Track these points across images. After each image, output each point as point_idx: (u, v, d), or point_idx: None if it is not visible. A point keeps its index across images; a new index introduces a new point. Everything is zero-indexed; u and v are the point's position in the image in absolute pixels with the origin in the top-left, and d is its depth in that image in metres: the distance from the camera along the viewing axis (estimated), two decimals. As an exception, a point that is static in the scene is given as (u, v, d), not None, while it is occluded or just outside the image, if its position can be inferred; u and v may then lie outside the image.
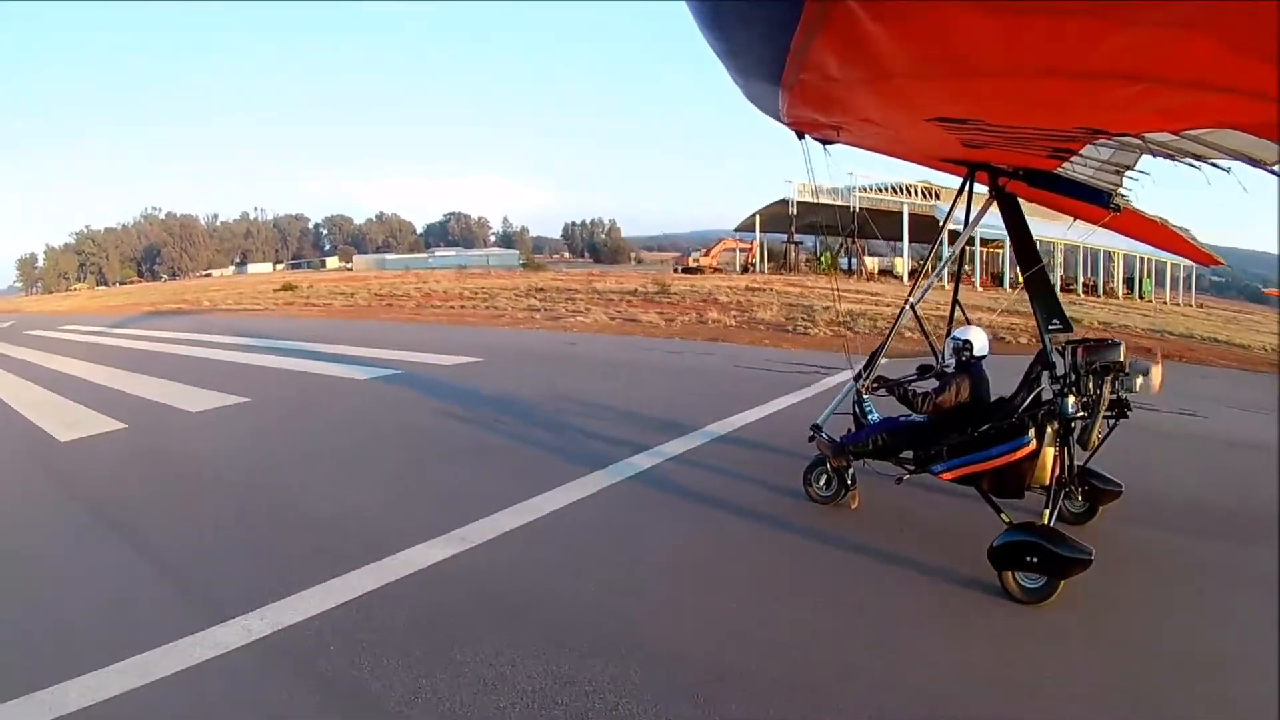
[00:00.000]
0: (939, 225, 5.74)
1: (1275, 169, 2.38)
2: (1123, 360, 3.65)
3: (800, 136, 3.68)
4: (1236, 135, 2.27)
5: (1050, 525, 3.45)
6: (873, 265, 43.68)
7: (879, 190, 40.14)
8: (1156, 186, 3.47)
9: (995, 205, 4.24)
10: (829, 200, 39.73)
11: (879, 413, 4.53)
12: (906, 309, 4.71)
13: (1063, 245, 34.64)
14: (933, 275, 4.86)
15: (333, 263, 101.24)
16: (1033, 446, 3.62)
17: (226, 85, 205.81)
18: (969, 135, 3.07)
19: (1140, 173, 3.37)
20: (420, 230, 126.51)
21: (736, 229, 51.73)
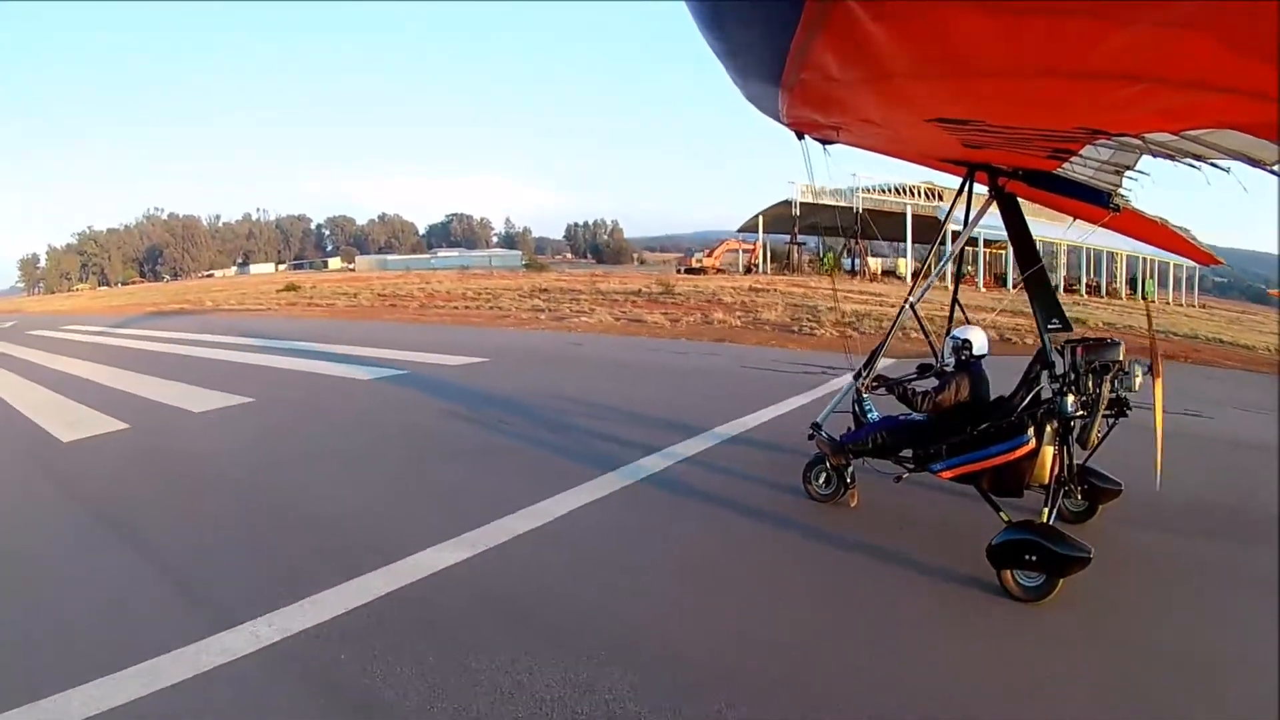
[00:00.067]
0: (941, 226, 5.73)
1: (1275, 169, 2.37)
2: (1122, 359, 3.66)
3: (800, 137, 3.68)
4: (1236, 135, 2.26)
5: (1049, 524, 3.46)
6: (876, 266, 43.70)
7: (882, 191, 40.12)
8: (1156, 187, 3.48)
9: (995, 205, 4.24)
10: (832, 201, 39.75)
11: (878, 411, 4.54)
12: (906, 308, 4.72)
13: (1065, 246, 34.56)
14: (932, 275, 4.86)
15: (335, 263, 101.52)
16: (1032, 445, 3.63)
17: (226, 85, 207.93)
18: (969, 135, 3.07)
19: (1140, 173, 3.37)
20: (422, 231, 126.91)
21: (739, 230, 51.74)
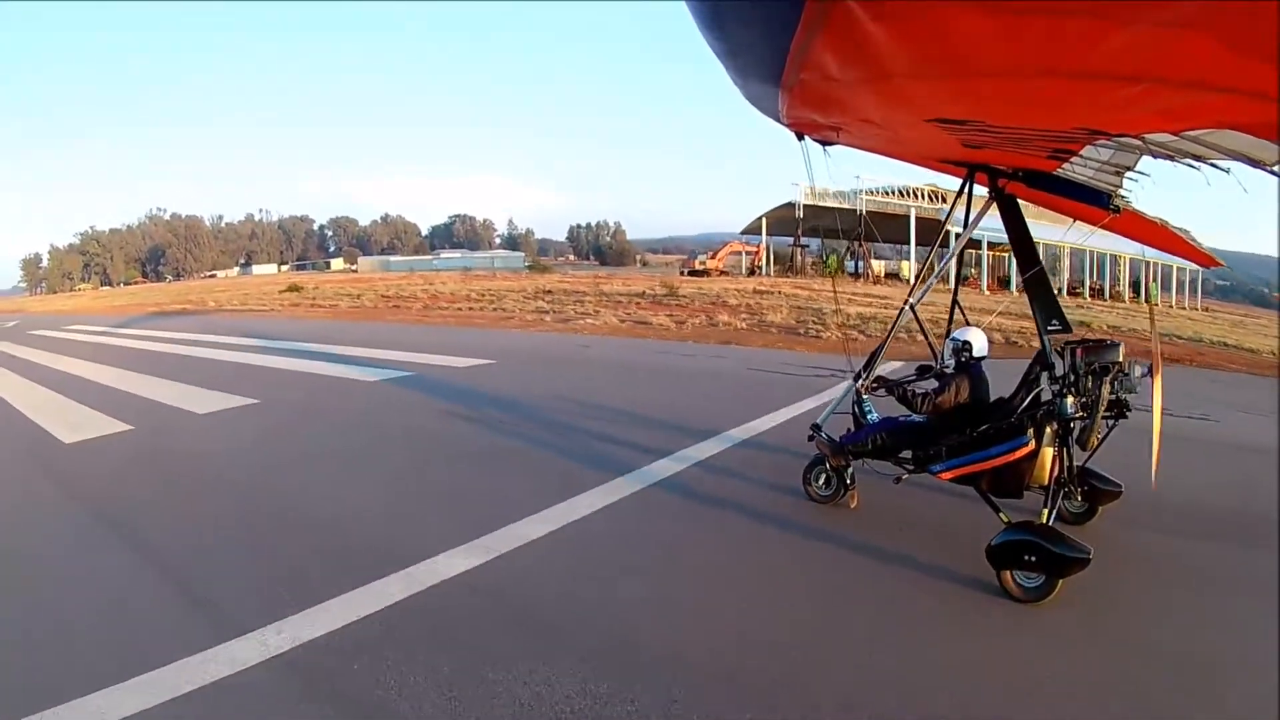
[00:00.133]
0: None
1: (1275, 169, 2.38)
2: (1122, 361, 3.65)
3: (800, 138, 3.68)
4: (1236, 136, 2.26)
5: (1049, 525, 3.45)
6: (879, 269, 43.72)
7: (886, 193, 40.15)
8: (1156, 187, 3.48)
9: (996, 207, 4.24)
10: (835, 204, 39.79)
11: (878, 413, 4.54)
12: (906, 310, 4.72)
13: (1069, 249, 34.52)
14: (932, 276, 4.86)
15: (337, 264, 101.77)
16: (1031, 446, 3.62)
17: (227, 85, 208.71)
18: (969, 136, 3.07)
19: (1140, 174, 3.37)
20: (425, 232, 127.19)
21: (743, 232, 51.82)
